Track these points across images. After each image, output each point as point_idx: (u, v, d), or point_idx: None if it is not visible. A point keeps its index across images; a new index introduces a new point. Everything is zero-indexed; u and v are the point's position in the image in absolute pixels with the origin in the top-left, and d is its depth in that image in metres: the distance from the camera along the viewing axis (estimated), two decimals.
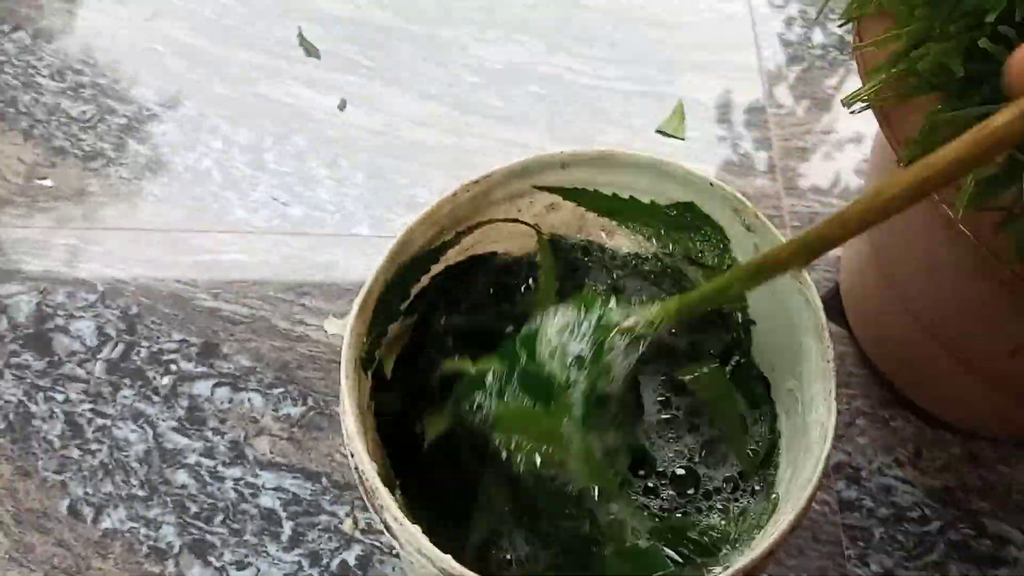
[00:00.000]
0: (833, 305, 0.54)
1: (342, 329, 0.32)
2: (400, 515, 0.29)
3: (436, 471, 0.35)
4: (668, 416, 0.38)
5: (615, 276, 0.39)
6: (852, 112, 0.35)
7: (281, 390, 0.52)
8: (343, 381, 0.31)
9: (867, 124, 0.41)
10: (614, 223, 0.38)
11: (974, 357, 0.44)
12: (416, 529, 0.29)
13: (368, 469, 0.30)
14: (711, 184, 0.35)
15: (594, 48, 0.67)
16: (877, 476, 0.49)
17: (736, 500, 0.35)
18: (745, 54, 0.66)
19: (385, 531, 0.30)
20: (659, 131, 0.62)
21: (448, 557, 0.28)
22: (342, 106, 0.63)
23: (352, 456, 0.31)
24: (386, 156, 0.61)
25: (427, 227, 0.35)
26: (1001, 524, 0.48)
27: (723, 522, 0.34)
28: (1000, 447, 0.50)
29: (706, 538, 0.33)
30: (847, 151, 0.62)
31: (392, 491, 0.30)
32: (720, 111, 0.64)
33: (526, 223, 0.38)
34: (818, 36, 0.67)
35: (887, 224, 0.45)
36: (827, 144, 0.62)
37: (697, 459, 0.37)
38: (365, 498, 0.30)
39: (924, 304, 0.44)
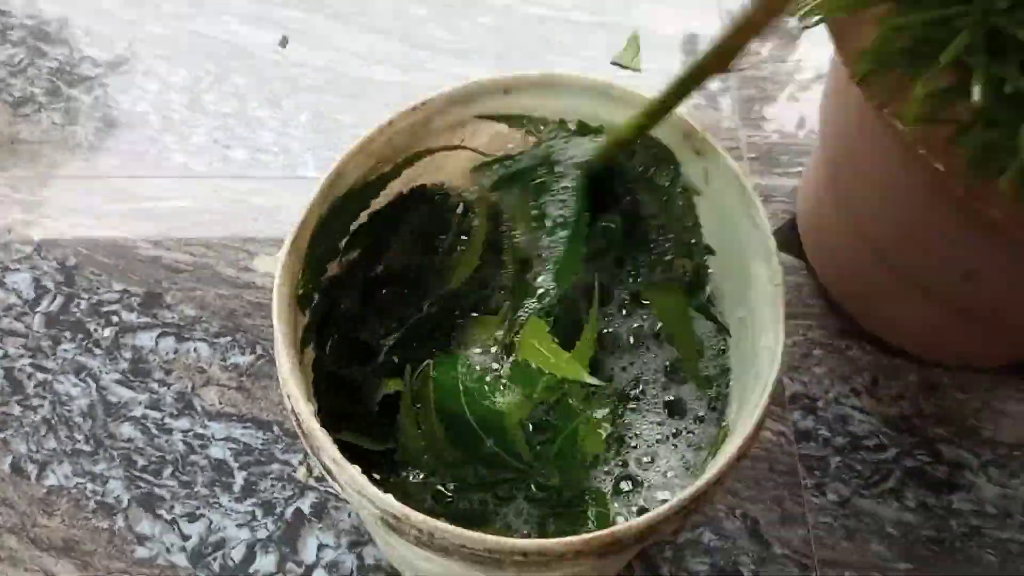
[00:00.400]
0: (790, 237, 0.53)
1: (273, 267, 0.30)
2: (338, 456, 0.28)
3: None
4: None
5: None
6: (805, 27, 0.34)
7: (228, 339, 0.51)
8: (275, 321, 0.30)
9: (824, 54, 0.40)
10: None
11: (928, 282, 0.43)
12: (356, 470, 0.28)
13: (304, 410, 0.28)
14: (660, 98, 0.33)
15: None
16: (834, 406, 0.49)
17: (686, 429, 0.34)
18: None
19: (325, 474, 0.29)
20: (614, 63, 0.60)
21: (388, 497, 0.27)
22: (283, 43, 0.61)
23: (288, 398, 0.29)
24: (331, 95, 0.59)
25: (362, 158, 0.33)
26: (957, 450, 0.48)
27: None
28: (956, 375, 0.50)
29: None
30: (805, 84, 0.60)
31: (329, 432, 0.28)
32: (677, 43, 0.62)
33: (471, 149, 0.36)
34: None
35: (843, 149, 0.44)
36: (784, 76, 0.61)
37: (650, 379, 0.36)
38: (303, 440, 0.29)
39: (879, 230, 0.44)
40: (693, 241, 0.35)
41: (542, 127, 0.35)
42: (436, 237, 0.38)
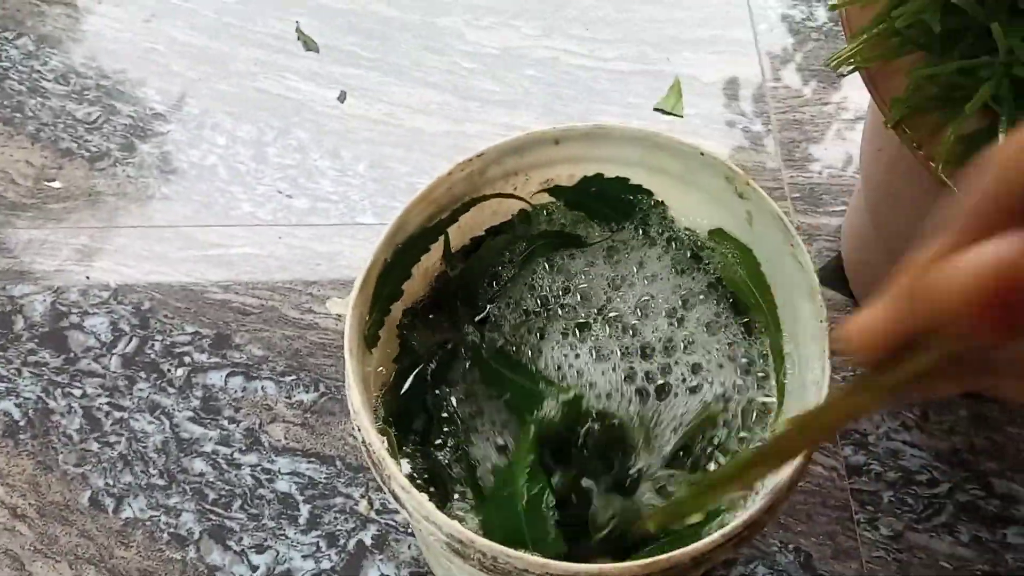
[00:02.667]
0: (836, 274, 0.54)
1: (344, 308, 0.33)
2: (407, 483, 0.30)
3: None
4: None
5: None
6: (840, 75, 0.36)
7: (293, 377, 0.53)
8: (347, 357, 0.32)
9: (864, 95, 0.42)
10: None
11: None
12: (423, 497, 0.29)
13: (375, 441, 0.30)
14: (701, 153, 0.35)
15: (589, 29, 0.67)
16: (884, 440, 0.50)
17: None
18: (742, 30, 0.67)
19: (394, 501, 0.31)
20: (657, 108, 0.63)
21: (455, 523, 0.29)
22: (342, 98, 0.64)
23: (359, 430, 0.31)
24: (387, 145, 0.62)
25: (424, 206, 0.36)
26: (1009, 484, 0.48)
27: None
28: (1007, 408, 0.50)
29: None
30: (847, 125, 0.62)
31: (398, 462, 0.30)
32: (718, 88, 0.64)
33: (520, 198, 0.38)
34: (815, 11, 0.68)
35: (883, 188, 0.46)
36: (824, 116, 0.62)
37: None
38: (373, 470, 0.31)
39: None
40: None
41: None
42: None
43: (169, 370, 0.54)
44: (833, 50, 0.65)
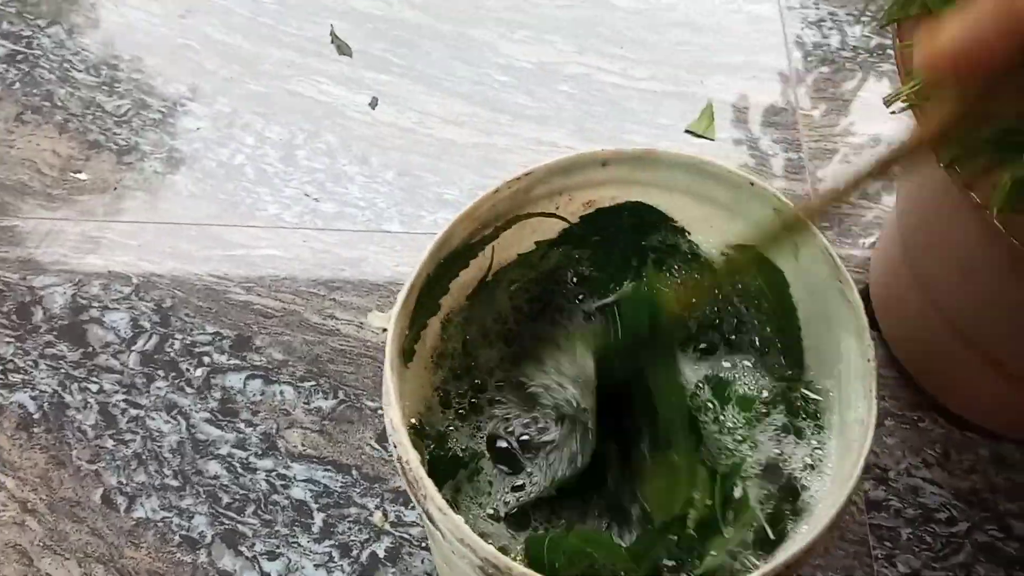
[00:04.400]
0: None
1: (386, 322, 0.32)
2: (444, 504, 0.29)
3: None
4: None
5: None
6: (892, 112, 0.35)
7: (312, 383, 0.53)
8: (387, 373, 0.31)
9: (897, 125, 0.42)
10: None
11: (1005, 358, 0.44)
12: (460, 519, 0.29)
13: (413, 459, 0.30)
14: (752, 183, 0.35)
15: (623, 48, 0.67)
16: (905, 477, 0.49)
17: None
18: (774, 56, 0.67)
19: (427, 521, 0.31)
20: (688, 131, 0.62)
21: (491, 548, 0.28)
22: (373, 104, 0.64)
23: (396, 447, 0.31)
24: (416, 154, 0.62)
25: (469, 223, 0.35)
26: None
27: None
28: None
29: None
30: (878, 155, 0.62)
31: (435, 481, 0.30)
32: (749, 112, 0.64)
33: (562, 217, 0.38)
34: (848, 39, 0.68)
35: (920, 226, 0.45)
36: (856, 147, 0.62)
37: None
38: (408, 488, 0.31)
39: (955, 304, 0.44)
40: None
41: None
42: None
43: (188, 370, 0.53)
44: (864, 78, 0.65)
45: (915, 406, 0.51)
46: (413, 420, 0.35)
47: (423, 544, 0.48)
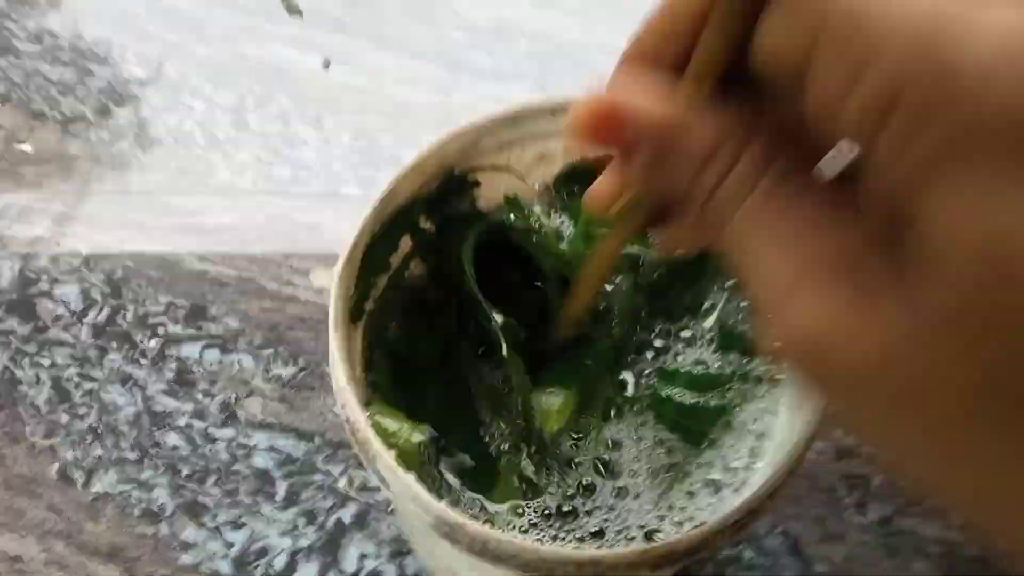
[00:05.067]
0: None
1: (328, 281, 0.31)
2: (393, 464, 0.28)
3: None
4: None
5: None
6: None
7: (271, 351, 0.52)
8: (331, 331, 0.31)
9: None
10: None
11: None
12: (410, 478, 0.28)
13: (360, 419, 0.29)
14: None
15: (584, 4, 0.66)
16: None
17: None
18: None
19: (379, 483, 0.30)
20: None
21: (442, 505, 0.28)
22: (326, 65, 0.62)
23: (344, 407, 0.30)
24: (372, 115, 0.60)
25: (414, 177, 0.34)
26: None
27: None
28: None
29: None
30: None
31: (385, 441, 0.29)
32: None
33: (515, 171, 0.37)
34: None
35: None
36: None
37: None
38: (357, 449, 0.30)
39: None
40: None
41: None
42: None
43: (142, 341, 0.52)
44: None
45: None
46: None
47: (390, 507, 0.47)
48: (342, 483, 0.48)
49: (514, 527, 0.33)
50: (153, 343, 0.52)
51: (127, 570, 0.46)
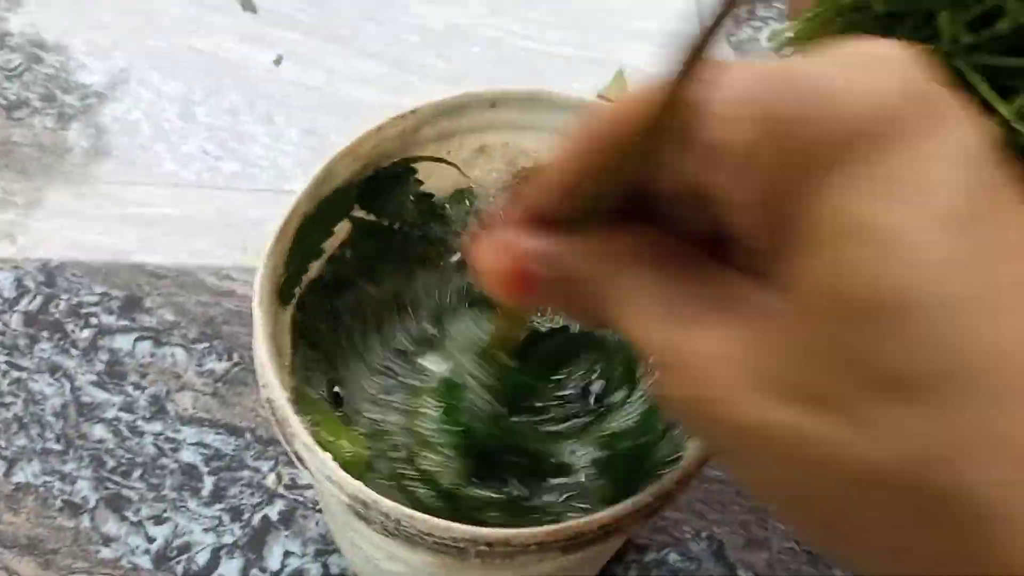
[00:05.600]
0: None
1: (255, 260, 0.31)
2: (311, 442, 0.28)
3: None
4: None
5: None
6: (783, 57, 0.35)
7: (205, 345, 0.51)
8: (255, 308, 0.30)
9: None
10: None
11: None
12: (327, 456, 0.28)
13: (279, 397, 0.29)
14: None
15: (537, 12, 0.66)
16: None
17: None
18: (687, 24, 0.66)
19: (298, 462, 0.29)
20: (601, 96, 0.62)
21: (358, 483, 0.27)
22: (278, 62, 0.62)
23: (265, 387, 0.30)
24: (323, 113, 0.60)
25: (350, 160, 0.34)
26: None
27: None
28: None
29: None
30: None
31: (304, 419, 0.29)
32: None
33: (452, 164, 0.37)
34: (759, 8, 0.68)
35: None
36: None
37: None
38: (276, 429, 0.30)
39: None
40: None
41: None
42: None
43: (74, 331, 0.51)
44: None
45: None
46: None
47: (318, 506, 0.46)
48: (270, 480, 0.47)
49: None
50: (85, 333, 0.51)
51: (44, 563, 0.44)
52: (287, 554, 0.45)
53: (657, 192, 0.21)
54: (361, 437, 0.34)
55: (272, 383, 0.29)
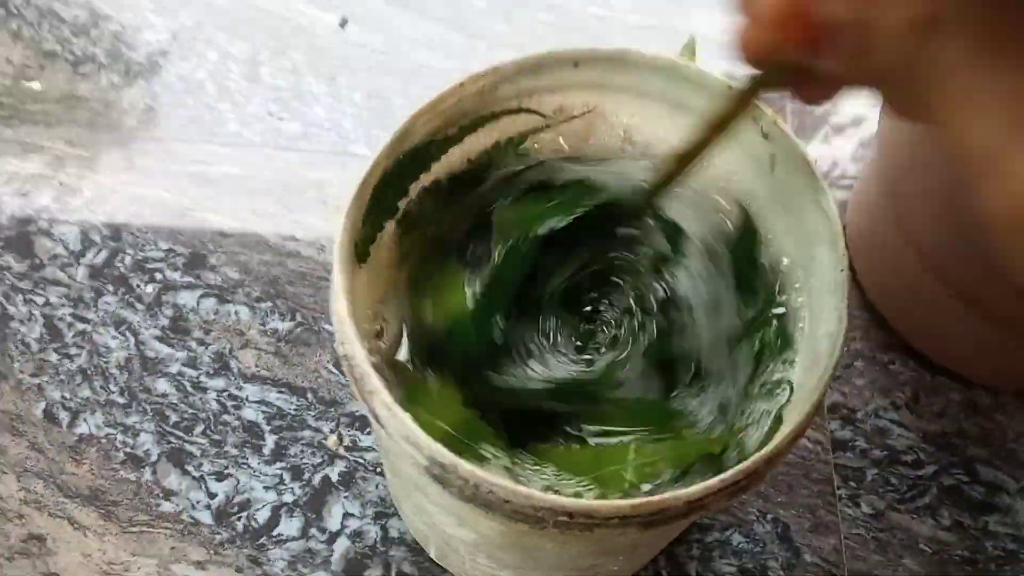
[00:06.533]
0: None
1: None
2: (391, 401, 0.28)
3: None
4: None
5: None
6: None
7: (269, 304, 0.51)
8: (336, 265, 0.30)
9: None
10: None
11: (983, 297, 0.43)
12: (407, 416, 0.27)
13: (358, 353, 0.28)
14: (730, 86, 0.33)
15: None
16: (872, 418, 0.48)
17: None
18: None
19: (374, 421, 0.29)
20: None
21: (439, 445, 0.27)
22: (343, 23, 0.61)
23: (343, 344, 0.29)
24: (386, 76, 0.59)
25: (431, 117, 0.33)
26: (995, 472, 0.47)
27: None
28: (999, 396, 0.49)
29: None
30: (839, 128, 0.60)
31: (384, 378, 0.28)
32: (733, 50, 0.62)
33: (535, 111, 0.36)
34: None
35: (904, 160, 0.44)
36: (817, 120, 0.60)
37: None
38: (354, 387, 0.29)
39: (934, 241, 0.43)
40: None
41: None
42: None
43: (139, 286, 0.51)
44: None
45: (887, 348, 0.50)
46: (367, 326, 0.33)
47: (378, 469, 0.46)
48: (331, 441, 0.47)
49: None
50: (150, 289, 0.51)
51: (105, 515, 0.45)
52: (346, 515, 0.45)
53: None
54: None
55: (351, 339, 0.29)
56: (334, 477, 0.46)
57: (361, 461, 0.46)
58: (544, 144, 0.37)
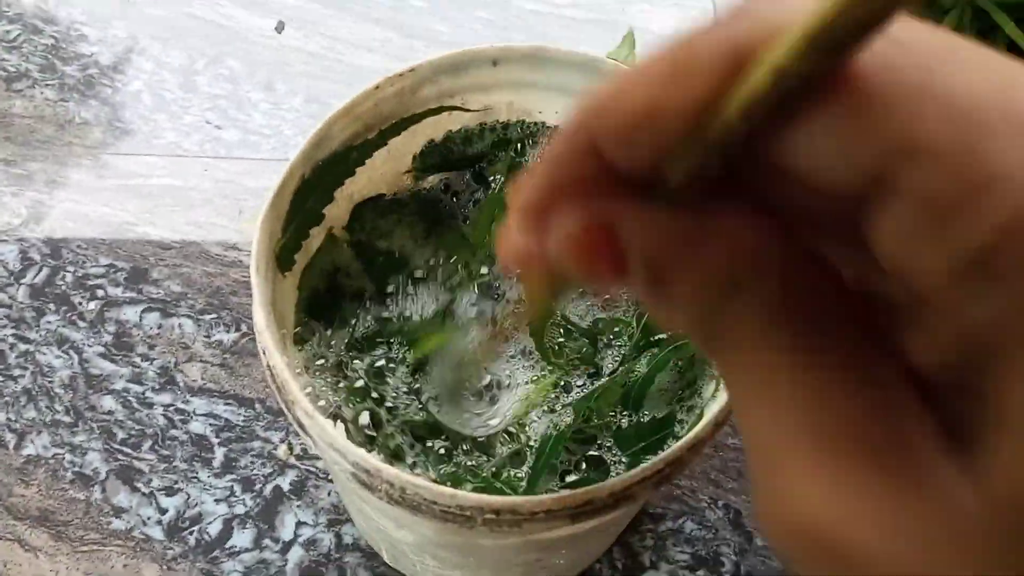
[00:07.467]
0: None
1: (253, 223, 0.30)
2: (311, 408, 0.28)
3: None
4: None
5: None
6: None
7: (213, 316, 0.50)
8: (253, 275, 0.29)
9: None
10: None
11: None
12: (328, 423, 0.27)
13: (279, 363, 0.28)
14: None
15: None
16: None
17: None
18: None
19: (300, 429, 0.29)
20: (610, 58, 0.60)
21: (360, 451, 0.27)
22: (280, 28, 0.61)
23: (264, 353, 0.29)
24: (325, 80, 0.59)
25: (348, 121, 0.33)
26: None
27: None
28: None
29: None
30: None
31: (303, 386, 0.28)
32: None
33: (461, 108, 0.36)
34: None
35: None
36: None
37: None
38: (277, 396, 0.29)
39: None
40: None
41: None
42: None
43: (80, 303, 0.50)
44: None
45: None
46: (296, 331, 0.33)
47: (329, 476, 0.46)
48: (281, 450, 0.47)
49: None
50: (92, 306, 0.50)
51: (56, 535, 0.44)
52: (299, 524, 0.45)
53: (794, 173, 0.13)
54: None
55: (271, 348, 0.29)
56: (285, 486, 0.46)
57: (312, 469, 0.46)
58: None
